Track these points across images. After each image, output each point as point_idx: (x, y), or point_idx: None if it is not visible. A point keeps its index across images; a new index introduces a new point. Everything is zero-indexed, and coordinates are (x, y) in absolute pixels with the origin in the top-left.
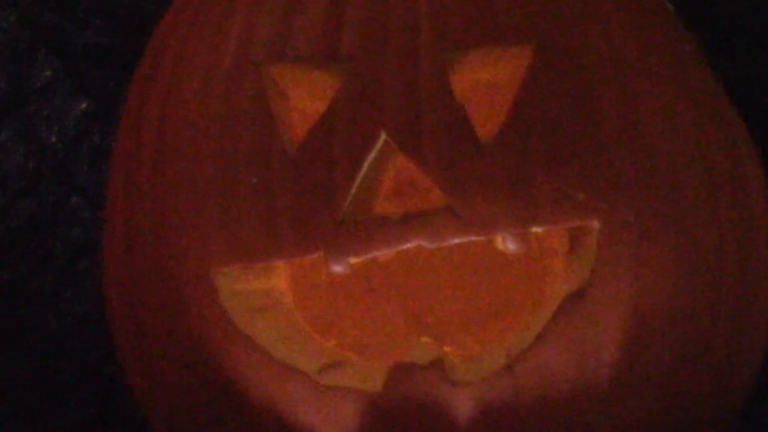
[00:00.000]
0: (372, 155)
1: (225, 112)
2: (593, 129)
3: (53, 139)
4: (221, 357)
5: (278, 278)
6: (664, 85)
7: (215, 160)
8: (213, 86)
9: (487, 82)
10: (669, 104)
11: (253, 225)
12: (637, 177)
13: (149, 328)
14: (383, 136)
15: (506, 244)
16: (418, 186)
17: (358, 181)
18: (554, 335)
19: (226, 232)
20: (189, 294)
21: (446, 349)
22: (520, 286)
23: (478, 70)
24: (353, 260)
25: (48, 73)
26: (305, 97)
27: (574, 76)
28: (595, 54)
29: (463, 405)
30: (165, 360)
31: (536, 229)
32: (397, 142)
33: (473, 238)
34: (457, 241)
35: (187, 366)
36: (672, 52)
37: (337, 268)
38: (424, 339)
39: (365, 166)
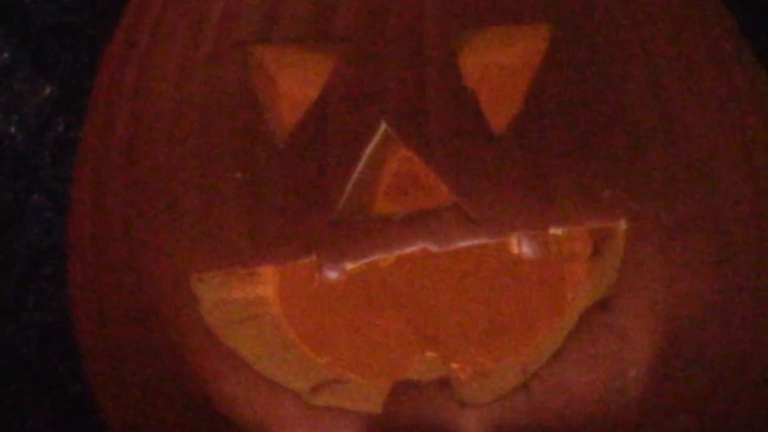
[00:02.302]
0: (371, 147)
1: (205, 99)
2: (619, 118)
3: (12, 130)
4: (202, 374)
5: (265, 286)
6: (699, 69)
7: (194, 153)
8: (192, 69)
9: (500, 66)
10: (705, 90)
11: (237, 226)
12: (670, 172)
13: (121, 342)
14: (383, 126)
15: (522, 247)
16: (423, 182)
17: (355, 176)
18: (576, 350)
19: (207, 233)
20: (165, 303)
21: (454, 365)
22: (537, 294)
23: (489, 52)
24: (350, 265)
25: (5, 54)
26: (295, 83)
27: (598, 58)
28: (620, 34)
29: (473, 428)
30: (138, 378)
31: (555, 231)
32: (398, 133)
33: (485, 241)
34: (466, 244)
35: (164, 384)
36: (708, 32)
37: (332, 275)
38: (429, 354)
39: (363, 159)
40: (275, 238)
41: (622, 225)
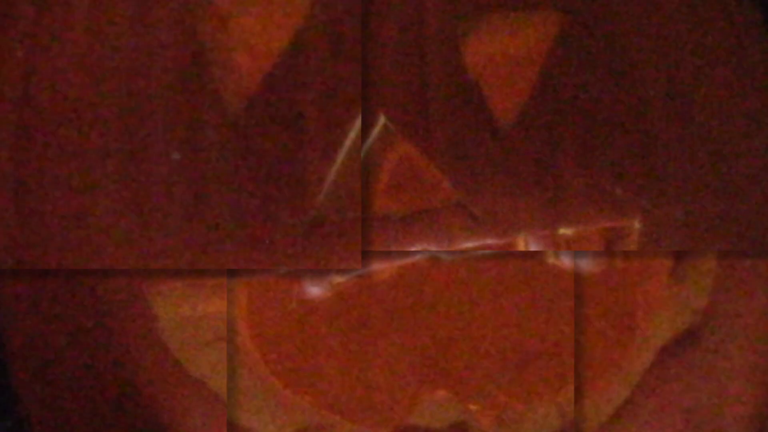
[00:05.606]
0: (367, 143)
1: (131, 51)
2: (633, 111)
3: None
4: (160, 407)
5: (229, 303)
6: (720, 61)
7: (116, 126)
8: (112, 10)
9: (506, 55)
10: (725, 83)
11: (178, 225)
12: (686, 169)
13: (60, 371)
14: (382, 120)
15: (529, 248)
16: (423, 179)
17: (339, 158)
18: (651, 399)
19: (156, 233)
20: (113, 321)
21: (472, 407)
22: (596, 322)
23: (495, 40)
24: (337, 279)
25: None
26: (257, 28)
27: (610, 48)
28: (635, 22)
29: None
30: (80, 412)
31: (565, 231)
32: (397, 127)
33: (490, 242)
34: (470, 245)
35: (114, 419)
36: (730, 24)
37: (315, 290)
38: (441, 393)
39: (349, 136)
40: (226, 242)
41: (636, 225)
